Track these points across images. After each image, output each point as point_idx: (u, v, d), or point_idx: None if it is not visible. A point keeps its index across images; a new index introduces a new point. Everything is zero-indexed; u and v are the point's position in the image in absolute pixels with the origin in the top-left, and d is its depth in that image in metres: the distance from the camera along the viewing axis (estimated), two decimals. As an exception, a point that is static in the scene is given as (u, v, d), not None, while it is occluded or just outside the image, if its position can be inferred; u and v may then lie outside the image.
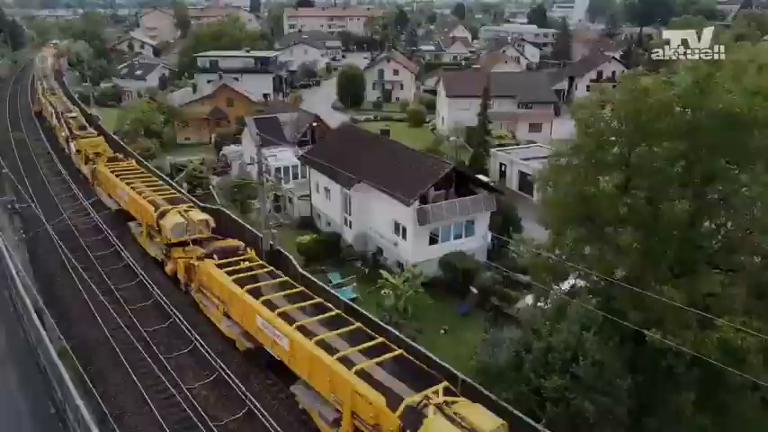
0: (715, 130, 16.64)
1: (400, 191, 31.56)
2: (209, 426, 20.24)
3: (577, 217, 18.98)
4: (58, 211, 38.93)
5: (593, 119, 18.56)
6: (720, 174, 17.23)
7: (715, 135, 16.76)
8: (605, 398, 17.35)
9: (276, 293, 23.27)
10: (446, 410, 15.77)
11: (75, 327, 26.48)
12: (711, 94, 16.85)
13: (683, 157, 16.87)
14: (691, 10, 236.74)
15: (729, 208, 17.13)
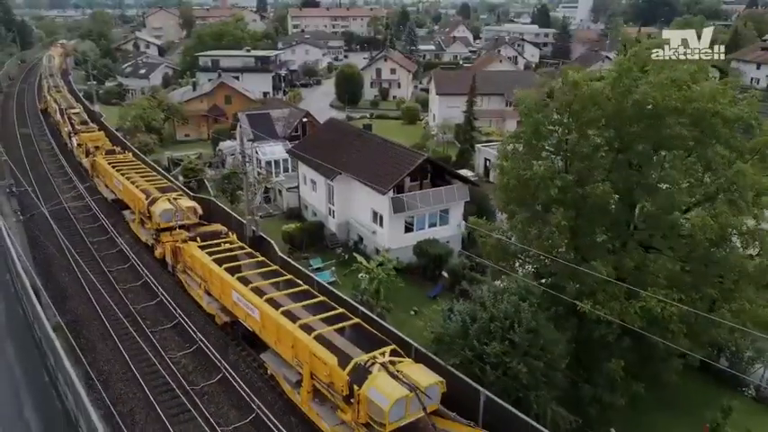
0: (635, 119, 18.37)
1: (377, 181, 33.43)
2: (186, 389, 22.22)
3: (522, 200, 20.78)
4: (58, 201, 41.11)
5: (532, 109, 20.32)
6: (641, 158, 18.96)
7: (635, 123, 18.49)
8: (537, 362, 19.13)
9: (251, 271, 25.19)
10: (390, 368, 17.62)
11: (70, 304, 28.52)
12: (631, 86, 18.59)
13: (608, 144, 18.60)
14: (694, 10, 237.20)
15: (649, 190, 18.84)
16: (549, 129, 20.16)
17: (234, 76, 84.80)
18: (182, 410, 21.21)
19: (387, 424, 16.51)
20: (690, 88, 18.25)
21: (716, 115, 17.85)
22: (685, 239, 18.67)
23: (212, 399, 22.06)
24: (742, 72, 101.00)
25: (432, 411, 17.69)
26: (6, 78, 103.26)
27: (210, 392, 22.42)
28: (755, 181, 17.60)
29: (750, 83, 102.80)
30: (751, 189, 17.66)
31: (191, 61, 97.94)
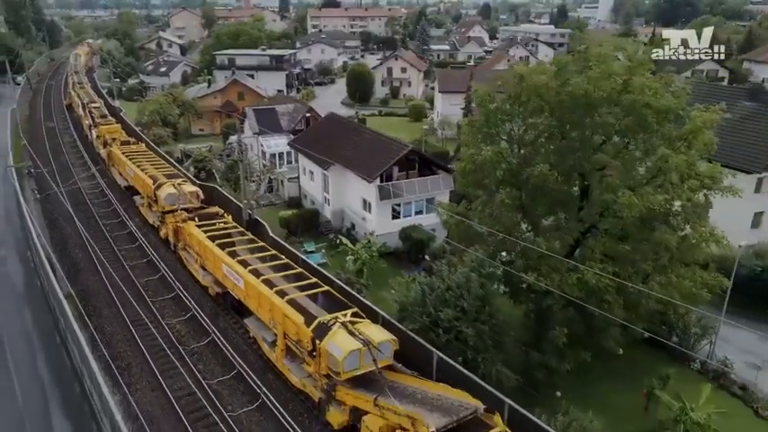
0: (571, 109, 20.41)
1: (365, 170, 35.86)
2: (178, 349, 24.94)
3: (478, 183, 22.98)
4: (73, 182, 44.48)
5: (484, 100, 22.50)
6: (579, 144, 20.99)
7: (572, 112, 20.53)
8: (484, 326, 21.34)
9: (240, 247, 27.82)
10: (349, 327, 20.02)
11: (81, 276, 31.53)
12: (569, 79, 20.64)
13: (549, 131, 20.69)
14: (717, 10, 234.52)
15: (585, 172, 20.87)
16: (500, 118, 22.34)
17: (249, 75, 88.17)
18: (173, 366, 23.89)
19: (342, 372, 18.91)
20: (625, 82, 20.23)
21: (646, 106, 19.83)
22: (620, 219, 20.68)
23: (201, 358, 24.74)
24: (753, 72, 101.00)
25: (386, 366, 20.02)
26: (36, 76, 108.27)
27: (200, 352, 25.10)
28: (678, 165, 19.55)
29: (762, 82, 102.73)
30: (675, 172, 19.59)
31: (209, 60, 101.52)
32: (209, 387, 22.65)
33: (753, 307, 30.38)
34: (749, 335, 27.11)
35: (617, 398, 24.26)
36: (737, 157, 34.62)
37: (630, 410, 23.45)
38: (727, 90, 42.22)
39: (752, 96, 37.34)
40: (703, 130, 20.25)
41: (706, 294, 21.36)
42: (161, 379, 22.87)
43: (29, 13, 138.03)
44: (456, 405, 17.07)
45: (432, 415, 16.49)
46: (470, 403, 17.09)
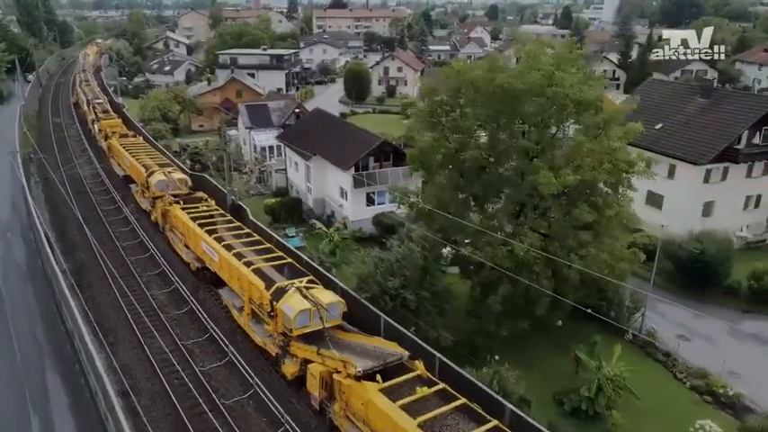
0: (500, 100, 23.01)
1: (341, 161, 38.64)
2: (160, 316, 27.84)
3: (424, 166, 25.67)
4: (78, 176, 47.68)
5: (428, 93, 25.14)
6: (507, 131, 23.58)
7: (500, 103, 23.13)
8: (425, 293, 24.03)
9: (218, 226, 30.69)
10: (303, 291, 22.79)
11: (77, 254, 34.58)
12: (499, 74, 23.25)
13: (481, 119, 23.31)
14: (722, 11, 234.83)
15: (509, 156, 23.46)
16: (443, 108, 24.98)
17: (250, 73, 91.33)
18: (154, 329, 26.78)
19: (293, 329, 21.68)
20: (549, 76, 22.80)
21: (566, 97, 22.40)
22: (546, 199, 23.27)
23: (179, 323, 27.62)
24: (743, 72, 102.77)
25: (336, 326, 22.74)
26: (46, 74, 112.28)
27: (179, 319, 28.00)
28: (591, 150, 22.11)
29: (752, 83, 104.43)
30: (587, 156, 22.17)
31: (212, 59, 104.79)
32: (184, 347, 25.51)
33: (693, 287, 32.85)
34: (686, 311, 29.68)
35: (552, 363, 26.81)
36: (688, 149, 37.06)
37: (562, 373, 25.95)
38: (685, 88, 44.48)
39: (704, 93, 39.70)
40: (617, 118, 22.76)
41: (624, 266, 23.84)
42: (141, 339, 25.77)
43: (41, 14, 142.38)
44: (385, 353, 19.80)
45: (361, 359, 19.22)
46: (398, 352, 19.81)
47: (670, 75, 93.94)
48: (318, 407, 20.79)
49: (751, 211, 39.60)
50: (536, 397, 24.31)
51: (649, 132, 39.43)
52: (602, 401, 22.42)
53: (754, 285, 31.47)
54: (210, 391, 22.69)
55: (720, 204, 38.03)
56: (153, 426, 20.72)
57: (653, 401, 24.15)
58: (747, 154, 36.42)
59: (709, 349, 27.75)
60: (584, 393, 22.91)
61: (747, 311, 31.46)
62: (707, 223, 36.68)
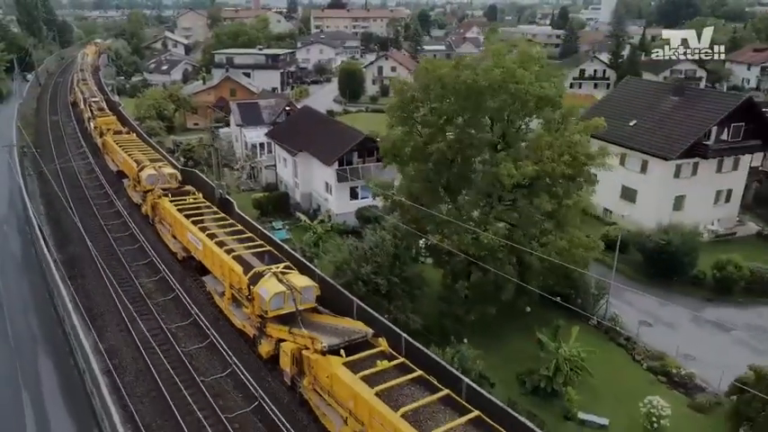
0: (465, 95, 24.36)
1: (325, 156, 40.02)
2: (147, 302, 29.22)
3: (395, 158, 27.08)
4: (74, 172, 49.14)
5: (399, 89, 26.52)
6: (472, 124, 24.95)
7: (465, 99, 24.49)
8: (395, 278, 25.41)
9: (206, 218, 32.08)
10: (278, 275, 24.17)
11: (70, 246, 36.02)
12: (463, 71, 24.63)
13: (448, 113, 24.69)
14: (719, 11, 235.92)
15: (476, 149, 24.81)
16: (414, 104, 26.36)
17: (245, 73, 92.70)
18: (141, 314, 28.16)
19: (269, 311, 23.05)
20: (511, 73, 24.16)
21: (527, 93, 23.76)
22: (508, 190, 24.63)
23: (165, 309, 29.01)
24: (733, 72, 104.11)
25: (311, 308, 24.11)
26: (45, 73, 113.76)
27: (164, 305, 29.39)
28: (550, 143, 23.48)
29: (741, 83, 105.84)
30: (547, 149, 23.53)
31: (209, 58, 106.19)
32: (169, 330, 26.90)
33: (660, 277, 34.23)
34: (652, 300, 31.09)
35: (519, 346, 28.11)
36: (660, 145, 38.41)
37: (527, 356, 27.17)
38: (660, 86, 45.79)
39: (676, 92, 41.04)
40: (575, 113, 24.13)
41: (582, 253, 25.19)
42: (128, 323, 27.17)
43: (40, 14, 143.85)
44: (351, 331, 21.19)
45: (328, 337, 20.60)
46: (362, 330, 21.19)
47: (659, 74, 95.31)
48: (290, 382, 22.18)
49: (722, 205, 40.91)
50: (501, 378, 25.77)
51: (624, 129, 41.04)
52: (559, 380, 23.77)
53: (718, 275, 32.79)
54: (191, 369, 24.07)
55: (691, 198, 39.35)
56: (135, 401, 22.14)
57: (610, 380, 25.54)
58: (716, 150, 37.74)
59: (670, 334, 29.09)
60: (543, 373, 24.27)
61: (710, 300, 32.80)
62: (679, 217, 38.01)
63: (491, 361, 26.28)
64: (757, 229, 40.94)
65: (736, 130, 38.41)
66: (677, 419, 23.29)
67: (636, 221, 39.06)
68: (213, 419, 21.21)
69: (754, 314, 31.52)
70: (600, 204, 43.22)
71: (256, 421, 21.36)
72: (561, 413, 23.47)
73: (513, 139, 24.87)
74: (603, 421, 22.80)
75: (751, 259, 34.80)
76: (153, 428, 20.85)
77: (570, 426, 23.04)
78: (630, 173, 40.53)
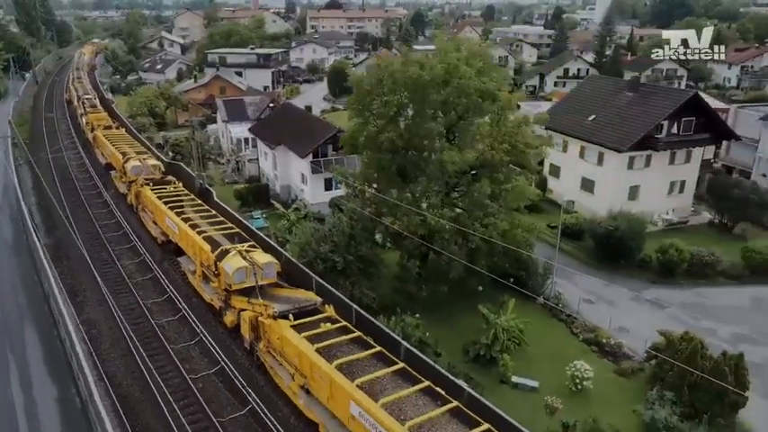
0: (413, 89, 26.70)
1: (300, 149, 42.39)
2: (127, 281, 31.59)
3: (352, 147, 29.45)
4: (65, 165, 51.60)
5: (356, 83, 28.85)
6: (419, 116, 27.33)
7: (413, 92, 26.82)
8: (350, 257, 27.76)
9: (183, 205, 34.44)
10: (242, 253, 26.52)
11: (57, 232, 38.35)
12: (411, 67, 26.96)
13: (398, 106, 27.07)
14: (713, 12, 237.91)
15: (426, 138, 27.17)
16: (369, 97, 28.71)
17: (237, 72, 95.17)
18: (119, 291, 30.56)
19: (232, 284, 25.40)
20: (455, 68, 26.50)
21: (469, 87, 26.09)
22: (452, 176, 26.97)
23: (142, 287, 31.37)
24: (714, 71, 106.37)
25: (273, 283, 26.43)
26: (43, 72, 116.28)
27: (143, 284, 31.76)
28: (490, 133, 25.83)
29: (722, 81, 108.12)
30: (487, 138, 25.88)
31: (202, 58, 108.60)
32: (145, 305, 29.26)
33: (610, 261, 36.56)
34: (598, 280, 33.45)
35: (468, 321, 30.29)
36: (614, 138, 40.73)
37: (475, 330, 29.33)
38: (618, 83, 48.03)
39: (631, 88, 43.38)
40: (512, 106, 26.50)
41: (521, 234, 27.53)
42: (108, 298, 29.51)
43: (38, 14, 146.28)
44: (301, 300, 23.58)
45: (280, 304, 22.98)
46: (312, 299, 23.60)
47: (642, 73, 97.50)
48: (249, 347, 24.56)
49: (676, 195, 43.22)
50: (449, 348, 28.12)
51: (583, 123, 43.41)
52: (496, 347, 26.10)
53: (661, 258, 35.09)
54: (162, 338, 26.44)
55: (646, 189, 41.65)
56: (109, 363, 24.57)
57: (547, 350, 27.87)
58: (667, 142, 40.04)
59: (610, 311, 31.36)
60: (483, 341, 26.60)
61: (653, 282, 35.11)
62: (634, 206, 40.29)
63: (442, 334, 28.66)
64: (709, 218, 43.22)
65: (687, 124, 40.73)
66: (603, 383, 25.68)
67: (594, 210, 41.46)
68: (179, 379, 23.61)
69: (691, 294, 33.87)
70: (563, 195, 45.55)
71: (218, 382, 23.74)
72: (497, 378, 25.79)
73: (458, 130, 27.22)
74: (534, 384, 25.12)
75: (699, 245, 37.15)
76: (123, 386, 23.25)
77: (505, 388, 25.36)
78: (589, 165, 42.91)
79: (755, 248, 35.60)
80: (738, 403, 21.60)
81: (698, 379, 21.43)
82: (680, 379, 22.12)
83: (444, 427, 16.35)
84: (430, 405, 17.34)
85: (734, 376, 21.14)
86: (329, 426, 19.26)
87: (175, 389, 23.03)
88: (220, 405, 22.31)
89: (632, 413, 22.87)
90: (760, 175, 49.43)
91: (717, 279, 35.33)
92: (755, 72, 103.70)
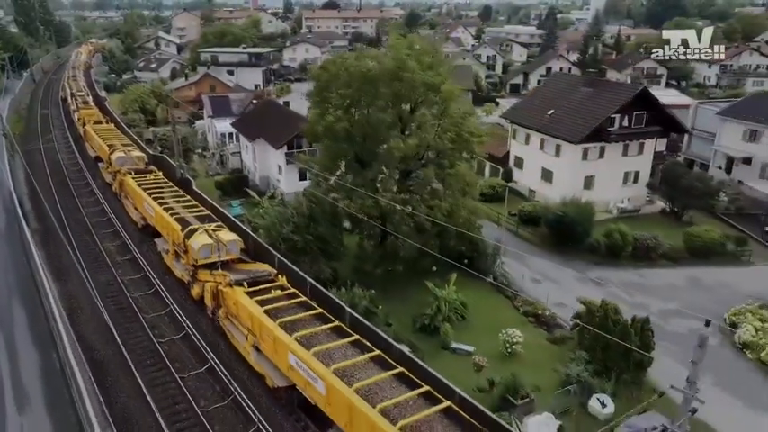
0: (363, 83, 29.28)
1: (274, 141, 45.01)
2: (107, 261, 34.21)
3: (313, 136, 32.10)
4: (57, 157, 54.32)
5: (315, 78, 31.46)
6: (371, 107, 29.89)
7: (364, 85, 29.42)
8: (309, 236, 30.36)
9: (161, 191, 37.06)
10: (209, 231, 29.11)
11: (47, 220, 40.79)
12: (362, 62, 29.55)
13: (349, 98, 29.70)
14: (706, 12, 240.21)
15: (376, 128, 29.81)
16: (327, 90, 31.32)
17: (229, 71, 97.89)
18: (100, 269, 33.18)
19: (198, 260, 27.99)
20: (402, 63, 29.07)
21: (415, 80, 28.67)
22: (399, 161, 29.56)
23: (122, 266, 33.97)
24: (695, 70, 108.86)
25: (237, 259, 29.00)
26: (40, 71, 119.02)
27: (122, 263, 34.38)
28: (433, 123, 28.41)
29: (703, 80, 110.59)
30: (432, 127, 28.47)
31: (195, 57, 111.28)
32: (122, 281, 31.86)
33: (561, 245, 39.15)
34: (548, 262, 36.10)
35: (421, 297, 32.76)
36: (569, 131, 43.31)
37: (425, 304, 32.04)
38: (578, 80, 50.63)
39: (588, 84, 45.95)
40: (457, 98, 29.12)
41: (465, 214, 30.09)
42: (88, 275, 32.09)
43: (37, 14, 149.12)
44: (258, 271, 26.19)
45: (236, 275, 25.60)
46: (267, 270, 26.21)
47: (623, 72, 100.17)
48: (211, 314, 27.18)
49: (630, 185, 45.79)
50: (401, 321, 30.75)
51: (543, 117, 45.99)
52: (439, 318, 28.69)
53: (606, 242, 37.65)
54: (136, 309, 29.04)
55: (600, 179, 44.23)
56: (84, 327, 27.21)
57: (489, 321, 30.45)
58: (618, 134, 42.61)
59: (553, 288, 34.00)
60: (428, 313, 29.19)
61: (599, 263, 37.70)
62: (590, 195, 42.89)
63: (395, 308, 31.32)
64: (662, 207, 45.77)
65: (639, 118, 43.30)
66: (535, 349, 28.31)
67: (553, 199, 44.00)
68: (147, 342, 26.24)
69: (632, 274, 36.46)
70: (526, 185, 48.19)
71: (182, 345, 26.36)
72: (439, 344, 28.39)
73: (407, 120, 29.81)
74: (470, 348, 27.70)
75: (649, 231, 39.74)
76: (97, 348, 25.90)
77: (445, 353, 27.96)
78: (548, 156, 45.49)
79: (695, 233, 38.17)
80: (644, 362, 24.12)
81: (608, 341, 23.96)
82: (594, 341, 24.68)
83: (365, 365, 18.99)
84: (357, 354, 19.93)
85: (639, 338, 23.67)
86: (272, 375, 21.88)
87: (144, 351, 25.67)
88: (183, 364, 24.95)
89: (553, 372, 25.45)
90: (716, 167, 52.03)
91: (659, 261, 37.87)
92: (734, 71, 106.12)
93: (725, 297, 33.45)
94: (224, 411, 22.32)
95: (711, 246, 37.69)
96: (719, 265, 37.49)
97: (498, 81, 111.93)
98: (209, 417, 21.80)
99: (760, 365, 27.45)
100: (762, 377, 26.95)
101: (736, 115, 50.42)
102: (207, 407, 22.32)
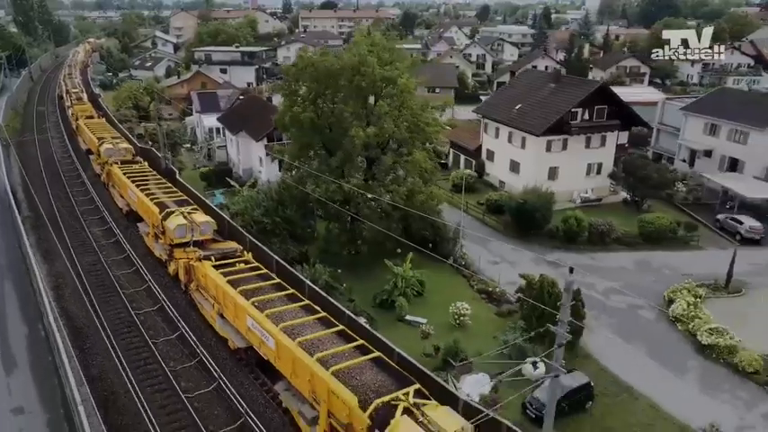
0: (328, 77, 31.68)
1: (254, 133, 47.42)
2: (93, 244, 36.65)
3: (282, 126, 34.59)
4: (51, 150, 56.80)
5: (286, 73, 33.85)
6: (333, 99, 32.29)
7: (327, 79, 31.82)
8: (279, 219, 32.77)
9: (145, 180, 39.50)
10: (184, 213, 31.49)
11: (39, 208, 43.37)
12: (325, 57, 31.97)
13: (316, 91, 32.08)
14: (699, 12, 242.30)
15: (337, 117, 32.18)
16: (296, 84, 33.73)
17: (222, 69, 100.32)
18: (86, 251, 35.62)
19: (174, 239, 30.42)
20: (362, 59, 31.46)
21: (373, 74, 31.06)
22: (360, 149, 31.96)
23: (105, 248, 36.40)
24: (678, 69, 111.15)
25: (211, 239, 31.43)
26: (38, 70, 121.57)
27: (106, 246, 36.82)
28: (391, 113, 30.79)
29: (686, 78, 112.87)
30: (389, 117, 30.86)
31: (189, 56, 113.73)
32: (105, 262, 34.30)
33: (523, 231, 41.48)
34: (507, 246, 38.51)
35: (383, 276, 34.79)
36: (533, 124, 45.67)
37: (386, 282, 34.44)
38: (545, 76, 52.96)
39: (553, 80, 48.31)
40: (409, 90, 31.53)
41: (422, 198, 32.46)
42: (75, 257, 34.58)
43: (36, 14, 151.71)
44: (226, 248, 28.63)
45: (207, 251, 28.02)
46: (234, 247, 28.65)
47: (606, 70, 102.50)
48: (184, 288, 29.60)
49: (594, 176, 48.12)
50: (363, 297, 33.03)
51: (511, 111, 48.35)
52: (396, 293, 31.07)
53: (564, 227, 40.00)
54: (117, 286, 31.47)
55: (564, 170, 46.55)
56: (69, 301, 29.63)
57: (445, 298, 32.71)
58: (579, 128, 44.94)
59: (509, 269, 36.29)
60: (386, 288, 31.58)
61: (557, 247, 40.01)
62: (554, 186, 45.13)
63: (358, 286, 33.63)
64: (624, 197, 48.11)
65: (600, 112, 45.63)
66: (484, 321, 30.69)
67: (519, 189, 46.32)
68: (125, 314, 28.68)
69: (586, 257, 38.78)
70: (497, 177, 50.56)
71: (156, 316, 28.78)
72: (395, 318, 30.74)
73: (368, 111, 32.22)
74: (423, 320, 30.06)
75: (608, 219, 42.04)
76: (79, 318, 28.33)
77: (400, 325, 30.30)
78: (515, 149, 47.84)
79: (647, 219, 40.52)
80: (576, 331, 26.45)
81: (543, 311, 26.30)
82: (532, 311, 27.05)
83: (311, 325, 21.40)
84: (305, 315, 22.34)
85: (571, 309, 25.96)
86: (234, 338, 24.31)
87: (121, 321, 28.11)
88: (156, 331, 27.39)
89: (494, 339, 27.86)
90: (680, 160, 54.39)
91: (613, 246, 40.18)
92: (716, 69, 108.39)
93: (668, 278, 35.75)
94: (190, 371, 24.75)
95: (662, 231, 40.00)
96: (669, 250, 39.82)
97: (487, 79, 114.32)
98: (176, 375, 24.24)
99: (688, 336, 29.80)
100: (689, 347, 29.32)
101: (698, 110, 52.73)
102: (175, 367, 24.76)
